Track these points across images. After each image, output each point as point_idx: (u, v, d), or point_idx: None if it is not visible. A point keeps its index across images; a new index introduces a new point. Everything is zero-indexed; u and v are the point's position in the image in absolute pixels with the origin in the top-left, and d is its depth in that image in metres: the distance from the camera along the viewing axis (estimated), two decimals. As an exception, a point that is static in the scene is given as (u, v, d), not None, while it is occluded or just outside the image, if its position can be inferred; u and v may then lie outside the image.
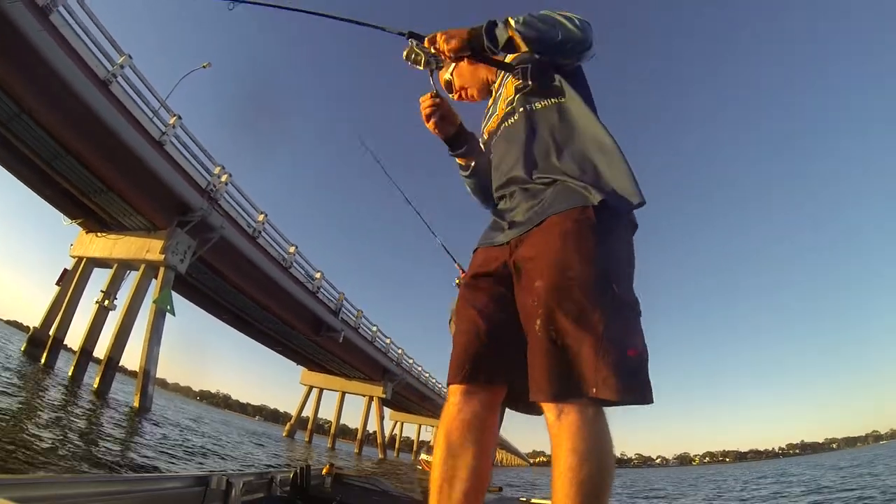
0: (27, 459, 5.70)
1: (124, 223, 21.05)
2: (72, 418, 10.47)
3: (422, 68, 1.87)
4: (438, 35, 1.76)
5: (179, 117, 18.37)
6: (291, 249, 25.71)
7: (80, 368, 19.57)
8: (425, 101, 1.86)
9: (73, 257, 22.45)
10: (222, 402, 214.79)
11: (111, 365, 19.06)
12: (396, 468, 16.99)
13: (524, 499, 4.53)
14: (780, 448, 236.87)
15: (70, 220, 22.48)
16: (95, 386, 18.37)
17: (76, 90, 14.72)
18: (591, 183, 1.46)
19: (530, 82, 1.77)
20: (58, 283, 21.83)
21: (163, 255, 19.23)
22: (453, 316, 4.03)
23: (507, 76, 1.88)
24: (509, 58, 1.92)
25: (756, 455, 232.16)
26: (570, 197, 1.46)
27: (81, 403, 14.17)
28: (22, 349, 21.45)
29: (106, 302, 20.70)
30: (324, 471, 4.01)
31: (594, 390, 1.23)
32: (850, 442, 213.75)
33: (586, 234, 1.39)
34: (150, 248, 19.83)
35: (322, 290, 29.11)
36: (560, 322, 1.32)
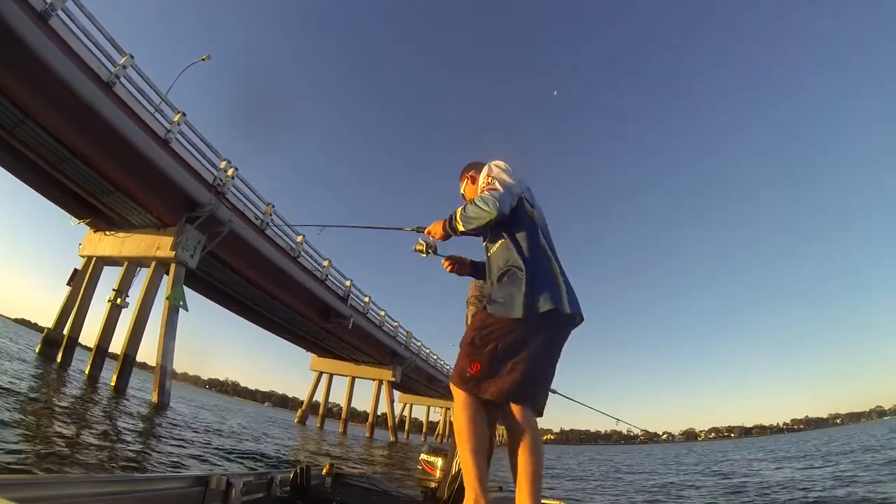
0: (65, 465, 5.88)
1: (133, 221, 21.11)
2: (104, 419, 10.70)
3: (425, 256, 2.97)
4: (431, 227, 2.79)
5: (184, 114, 18.34)
6: (299, 239, 25.75)
7: (96, 366, 19.80)
8: (446, 265, 3.10)
9: (83, 257, 22.61)
10: (231, 389, 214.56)
11: (127, 361, 19.27)
12: (400, 463, 17.08)
13: None
14: (784, 423, 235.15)
15: (78, 221, 22.55)
16: (113, 383, 18.59)
17: (80, 93, 14.76)
18: (491, 300, 2.44)
19: (484, 239, 2.73)
20: (69, 284, 21.99)
21: (173, 252, 19.35)
22: (471, 301, 4.16)
23: None
24: None
25: (761, 430, 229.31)
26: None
27: (104, 402, 14.39)
28: (37, 350, 21.63)
29: (118, 300, 20.81)
30: (324, 470, 4.07)
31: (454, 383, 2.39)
32: (854, 417, 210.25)
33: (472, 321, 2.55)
34: (159, 244, 19.93)
35: (330, 277, 29.28)
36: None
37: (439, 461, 4.04)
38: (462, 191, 3.13)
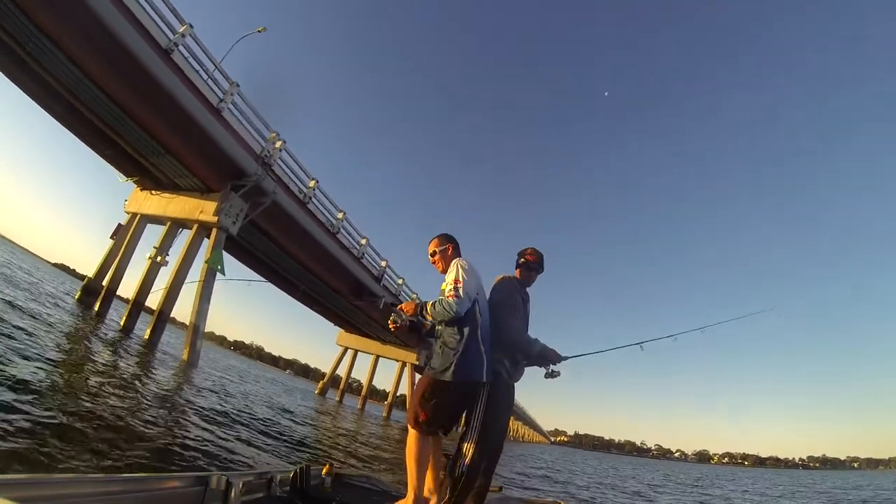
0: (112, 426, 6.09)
1: (179, 184, 21.59)
2: (136, 374, 10.99)
3: (393, 327, 3.91)
4: (404, 304, 3.82)
5: (237, 84, 18.61)
6: (340, 215, 25.98)
7: (132, 319, 20.31)
8: (392, 326, 3.93)
9: (128, 213, 23.19)
10: (255, 353, 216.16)
11: (162, 318, 19.82)
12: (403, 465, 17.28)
13: (525, 499, 4.55)
14: (800, 459, 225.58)
15: (126, 178, 23.09)
16: (147, 336, 19.19)
17: (139, 59, 15.03)
18: (431, 367, 3.53)
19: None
20: (112, 237, 22.60)
21: (216, 217, 19.74)
22: None
23: None
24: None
25: (775, 462, 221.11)
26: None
27: (136, 355, 14.87)
28: (76, 297, 22.37)
29: (159, 258, 21.23)
30: (324, 470, 4.09)
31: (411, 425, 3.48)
32: (872, 463, 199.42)
33: (422, 382, 3.58)
34: (203, 208, 20.35)
35: (367, 256, 29.45)
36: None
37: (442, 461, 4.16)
38: (430, 251, 4.02)
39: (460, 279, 3.52)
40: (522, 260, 4.24)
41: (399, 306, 3.83)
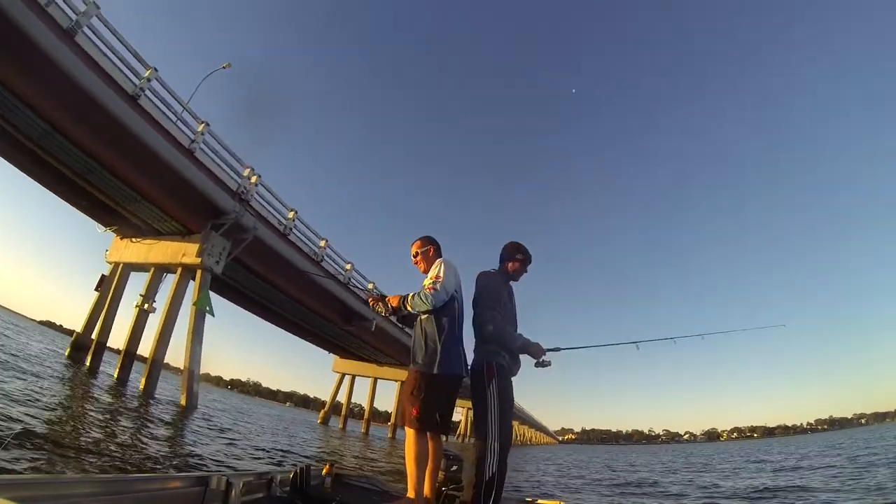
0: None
1: (159, 228, 21.49)
2: (135, 423, 10.84)
3: (383, 313, 4.17)
4: (390, 297, 4.00)
5: (207, 124, 18.59)
6: (322, 243, 25.86)
7: (125, 370, 20.20)
8: (373, 304, 4.33)
9: (110, 263, 23.04)
10: (253, 389, 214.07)
11: (156, 366, 19.63)
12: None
13: (528, 499, 4.56)
14: (808, 423, 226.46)
15: (105, 228, 22.97)
16: (142, 386, 18.94)
17: (106, 107, 15.06)
18: (416, 361, 3.69)
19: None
20: (97, 289, 22.39)
21: (199, 259, 19.65)
22: None
23: None
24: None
25: (784, 430, 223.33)
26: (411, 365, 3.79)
27: (134, 405, 14.68)
28: (66, 353, 22.05)
29: (146, 305, 21.08)
30: (324, 471, 4.10)
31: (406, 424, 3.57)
32: (879, 417, 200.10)
33: (409, 379, 3.73)
34: (185, 251, 20.27)
35: (353, 280, 29.28)
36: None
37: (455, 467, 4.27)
38: (413, 253, 4.30)
39: (440, 276, 3.81)
40: (519, 256, 4.24)
41: (387, 298, 4.12)
